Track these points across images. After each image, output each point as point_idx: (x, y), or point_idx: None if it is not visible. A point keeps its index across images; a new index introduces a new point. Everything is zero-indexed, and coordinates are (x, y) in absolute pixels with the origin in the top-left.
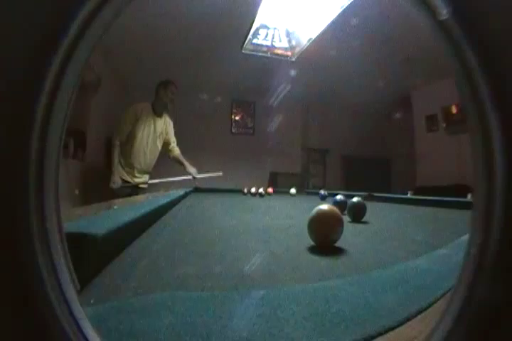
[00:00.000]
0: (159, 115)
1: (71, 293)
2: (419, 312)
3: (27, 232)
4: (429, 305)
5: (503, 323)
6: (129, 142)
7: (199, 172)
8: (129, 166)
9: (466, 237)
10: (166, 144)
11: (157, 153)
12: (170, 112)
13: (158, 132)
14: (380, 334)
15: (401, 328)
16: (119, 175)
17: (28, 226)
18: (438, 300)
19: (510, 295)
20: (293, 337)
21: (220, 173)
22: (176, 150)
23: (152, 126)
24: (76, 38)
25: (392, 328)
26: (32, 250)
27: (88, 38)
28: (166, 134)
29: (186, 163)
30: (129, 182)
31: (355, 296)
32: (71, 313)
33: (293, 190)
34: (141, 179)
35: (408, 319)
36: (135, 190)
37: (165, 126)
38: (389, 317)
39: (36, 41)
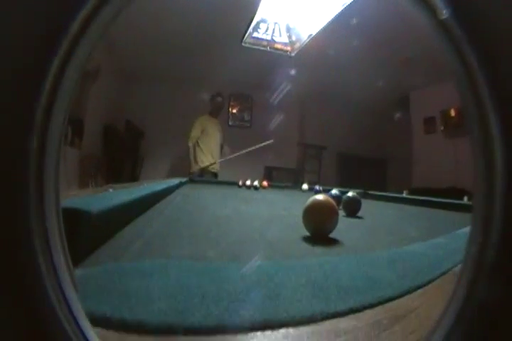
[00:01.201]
0: (215, 117)
1: (71, 293)
2: (418, 287)
3: (27, 232)
4: (429, 282)
5: (503, 323)
6: (201, 141)
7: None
8: (204, 156)
9: (463, 230)
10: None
11: (219, 144)
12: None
13: (217, 129)
14: (380, 303)
15: (401, 300)
16: (198, 164)
17: (28, 226)
18: (437, 278)
19: (510, 295)
20: (291, 300)
21: (271, 141)
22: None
23: (212, 125)
24: (76, 37)
25: (393, 299)
26: (32, 250)
27: (88, 38)
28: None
29: (225, 148)
30: (205, 167)
31: (354, 270)
32: (71, 313)
33: (305, 186)
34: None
35: (408, 292)
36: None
37: (219, 125)
38: (388, 289)
39: (36, 41)
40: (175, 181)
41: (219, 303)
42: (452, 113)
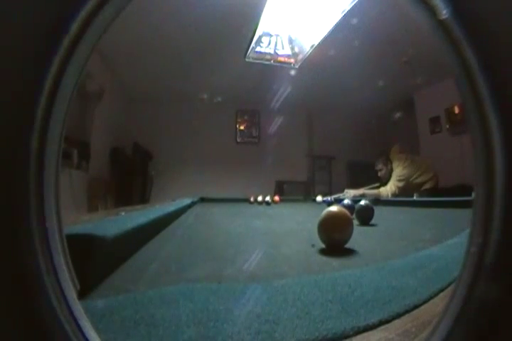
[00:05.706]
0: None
1: (71, 293)
2: (441, 290)
3: (27, 232)
4: (449, 284)
5: (503, 323)
6: None
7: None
8: None
9: None
10: None
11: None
12: None
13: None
14: (407, 311)
15: (425, 306)
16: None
17: (28, 226)
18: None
19: (510, 295)
20: (321, 318)
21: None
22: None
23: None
24: (76, 38)
25: (418, 306)
26: (32, 250)
27: (88, 38)
28: None
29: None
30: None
31: (377, 281)
32: (71, 313)
33: (319, 198)
34: None
35: (431, 297)
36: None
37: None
38: (413, 297)
39: (36, 41)
40: (187, 201)
41: (249, 327)
42: (456, 110)
